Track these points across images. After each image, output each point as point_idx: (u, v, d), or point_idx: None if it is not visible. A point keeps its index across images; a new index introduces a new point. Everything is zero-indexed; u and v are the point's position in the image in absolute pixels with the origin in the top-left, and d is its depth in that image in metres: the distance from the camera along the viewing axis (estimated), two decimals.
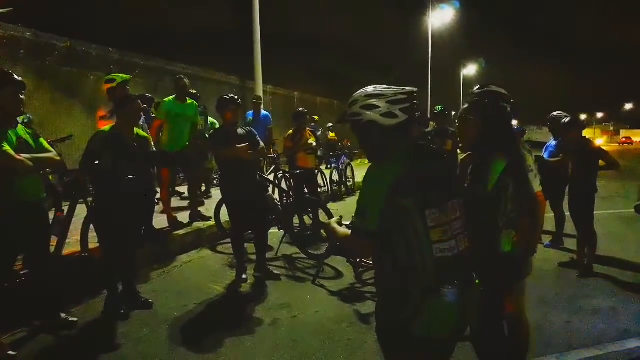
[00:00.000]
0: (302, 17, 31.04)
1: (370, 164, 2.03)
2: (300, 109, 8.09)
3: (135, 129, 4.62)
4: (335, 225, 2.23)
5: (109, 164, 4.24)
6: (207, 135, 7.39)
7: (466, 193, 2.66)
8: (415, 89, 2.07)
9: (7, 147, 3.48)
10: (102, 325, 4.29)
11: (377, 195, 1.90)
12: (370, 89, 2.06)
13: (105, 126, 4.63)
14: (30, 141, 3.76)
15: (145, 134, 4.85)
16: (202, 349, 3.90)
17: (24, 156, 3.57)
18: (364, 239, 1.98)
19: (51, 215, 4.62)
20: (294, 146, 7.62)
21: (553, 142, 6.55)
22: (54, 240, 4.61)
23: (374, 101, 2.01)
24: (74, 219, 5.00)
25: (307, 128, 8.02)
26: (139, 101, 4.64)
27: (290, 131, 7.78)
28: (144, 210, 4.95)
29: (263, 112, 9.35)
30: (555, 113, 6.53)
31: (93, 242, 4.85)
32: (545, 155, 6.50)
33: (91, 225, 4.89)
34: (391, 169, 1.91)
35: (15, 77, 3.67)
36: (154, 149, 5.78)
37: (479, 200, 2.64)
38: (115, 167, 4.26)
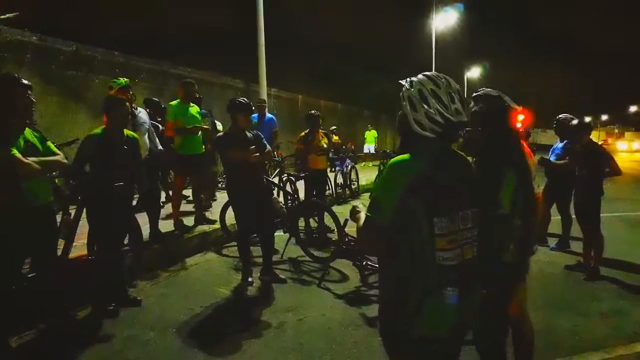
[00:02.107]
0: (306, 20, 31.05)
1: (392, 159, 1.98)
2: (312, 111, 8.16)
3: (125, 131, 4.70)
4: (363, 215, 2.14)
5: (99, 170, 4.40)
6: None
7: None
8: (462, 120, 1.97)
9: (15, 151, 3.51)
10: (108, 329, 4.29)
11: (393, 189, 1.88)
12: (430, 85, 1.97)
13: (95, 129, 4.65)
14: (38, 144, 3.78)
15: (134, 135, 4.86)
16: (208, 352, 3.91)
17: (31, 159, 3.59)
18: (374, 232, 1.93)
19: (58, 218, 4.65)
20: (305, 148, 7.66)
21: (560, 145, 6.54)
22: (60, 243, 4.63)
23: (418, 103, 1.96)
24: (80, 222, 5.01)
25: (320, 130, 8.04)
26: (127, 104, 4.67)
27: (302, 133, 7.82)
28: (133, 212, 4.99)
29: (268, 115, 9.37)
30: (561, 115, 6.55)
31: None
32: (552, 158, 6.49)
33: None
34: (412, 167, 1.89)
35: (24, 81, 3.72)
36: (147, 153, 5.85)
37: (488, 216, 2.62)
38: (107, 171, 4.40)
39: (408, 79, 2.05)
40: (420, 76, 2.03)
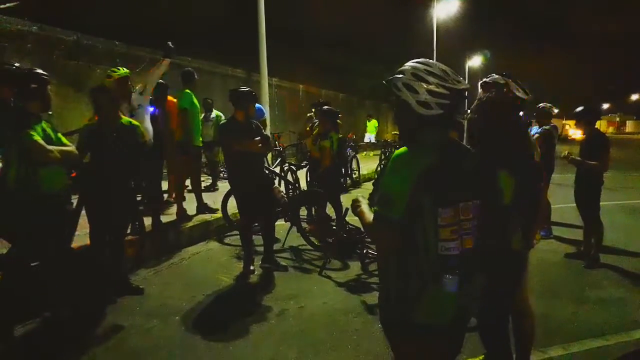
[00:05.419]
0: (307, 9, 30.82)
1: (397, 151, 1.95)
2: (318, 100, 8.21)
3: (124, 118, 4.75)
4: (365, 208, 2.12)
5: (89, 157, 4.50)
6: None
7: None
8: (464, 86, 1.95)
9: (37, 137, 3.64)
10: (111, 317, 4.33)
11: (404, 183, 1.84)
12: (422, 66, 1.96)
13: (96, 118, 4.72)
14: (52, 135, 3.89)
15: (135, 123, 4.84)
16: (210, 340, 3.95)
17: (52, 147, 3.73)
18: (388, 228, 1.89)
19: None
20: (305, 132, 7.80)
21: (536, 129, 6.73)
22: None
23: (416, 83, 1.92)
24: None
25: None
26: (110, 93, 4.69)
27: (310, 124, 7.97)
28: (130, 200, 5.02)
29: (257, 105, 9.36)
30: (541, 104, 6.86)
31: None
32: None
33: None
34: (420, 159, 1.86)
35: (45, 74, 3.88)
36: (150, 138, 5.85)
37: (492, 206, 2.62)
38: (94, 159, 4.50)
39: (399, 68, 2.02)
40: (409, 63, 2.01)
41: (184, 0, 22.08)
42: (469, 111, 3.12)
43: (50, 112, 4.03)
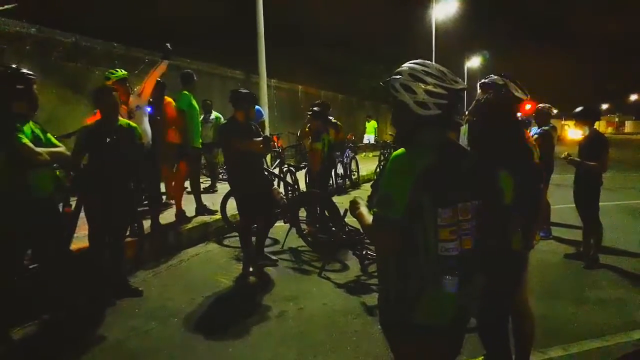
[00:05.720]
0: (306, 10, 30.82)
1: (395, 152, 1.94)
2: (318, 101, 8.20)
3: (122, 120, 4.73)
4: (364, 210, 2.12)
5: (91, 161, 4.51)
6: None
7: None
8: (461, 86, 1.97)
9: (25, 140, 3.57)
10: (111, 319, 4.32)
11: (403, 183, 1.84)
12: (419, 67, 1.96)
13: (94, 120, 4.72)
14: (41, 136, 3.83)
15: (133, 124, 4.84)
16: (210, 341, 3.94)
17: (40, 149, 3.66)
18: (388, 229, 1.88)
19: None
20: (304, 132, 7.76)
21: (536, 130, 6.73)
22: None
23: (413, 84, 1.93)
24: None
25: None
26: (114, 94, 4.67)
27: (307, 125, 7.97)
28: (130, 202, 4.99)
29: (255, 107, 9.40)
30: (540, 105, 6.81)
31: None
32: None
33: None
34: (420, 159, 1.86)
35: (31, 73, 3.80)
36: (149, 140, 5.85)
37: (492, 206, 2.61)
38: (93, 160, 4.51)
39: (396, 70, 2.02)
40: (407, 64, 2.01)
41: (182, 1, 22.07)
42: (467, 112, 3.13)
43: (35, 113, 3.94)
